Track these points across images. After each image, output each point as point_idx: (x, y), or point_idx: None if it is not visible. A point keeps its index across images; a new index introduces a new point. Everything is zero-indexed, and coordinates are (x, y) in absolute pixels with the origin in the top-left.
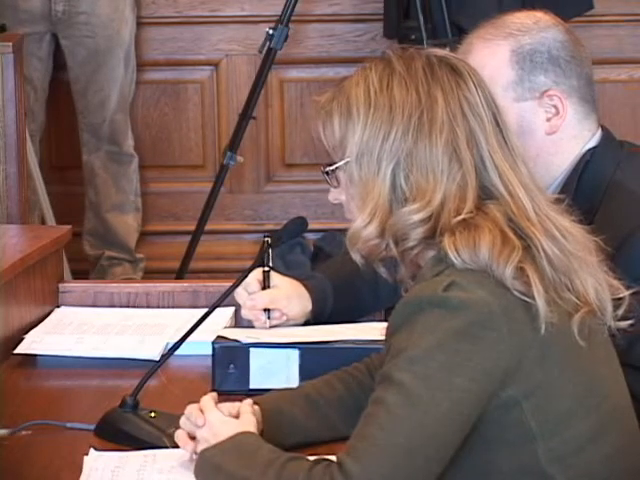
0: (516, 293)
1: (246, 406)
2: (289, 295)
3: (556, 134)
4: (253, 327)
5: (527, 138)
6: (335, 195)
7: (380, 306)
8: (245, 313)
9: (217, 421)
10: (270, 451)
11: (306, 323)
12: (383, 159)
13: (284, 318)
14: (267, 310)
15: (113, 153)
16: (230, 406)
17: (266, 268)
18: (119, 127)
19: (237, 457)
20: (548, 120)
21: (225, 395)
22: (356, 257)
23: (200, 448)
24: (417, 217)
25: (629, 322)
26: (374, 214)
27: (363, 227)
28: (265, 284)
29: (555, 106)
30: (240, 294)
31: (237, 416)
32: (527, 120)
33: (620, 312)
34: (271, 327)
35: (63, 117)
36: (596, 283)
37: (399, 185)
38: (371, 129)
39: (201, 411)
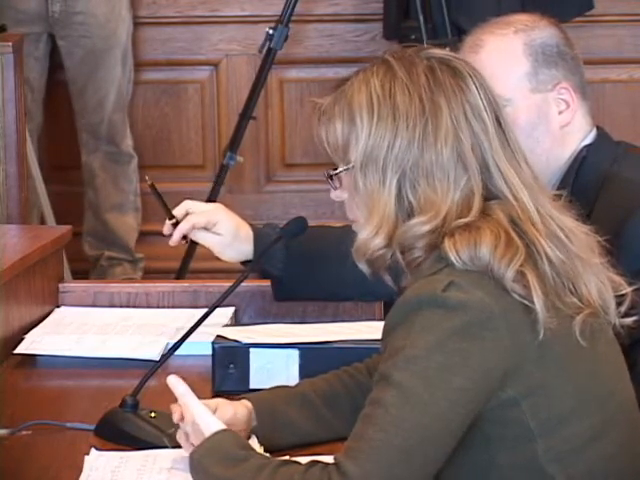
0: (515, 296)
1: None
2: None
3: (568, 127)
4: (250, 325)
5: (542, 130)
6: (337, 194)
7: (348, 278)
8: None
9: (192, 417)
10: (262, 456)
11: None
12: (388, 169)
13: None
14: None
15: (112, 153)
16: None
17: None
18: (117, 127)
19: (223, 461)
20: (560, 113)
21: (225, 395)
22: (363, 267)
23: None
24: (426, 228)
25: (633, 319)
26: (381, 226)
27: (371, 238)
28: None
29: (565, 100)
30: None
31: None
32: (543, 111)
33: (623, 309)
34: (270, 324)
35: (63, 117)
36: (599, 282)
37: (405, 196)
38: (375, 138)
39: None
